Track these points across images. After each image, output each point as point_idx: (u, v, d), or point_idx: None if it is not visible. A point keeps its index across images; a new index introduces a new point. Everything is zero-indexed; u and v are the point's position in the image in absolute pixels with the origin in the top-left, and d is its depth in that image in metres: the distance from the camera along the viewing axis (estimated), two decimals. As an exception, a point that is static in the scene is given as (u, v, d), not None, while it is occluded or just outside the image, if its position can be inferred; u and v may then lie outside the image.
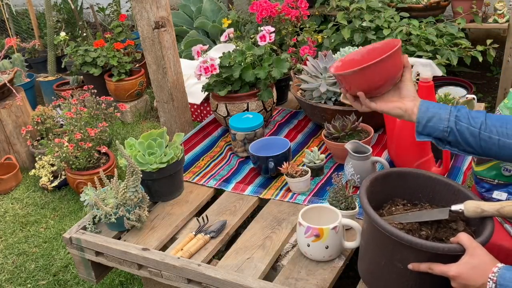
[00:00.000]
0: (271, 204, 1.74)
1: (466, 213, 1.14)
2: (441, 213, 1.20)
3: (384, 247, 1.17)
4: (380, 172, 1.31)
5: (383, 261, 1.18)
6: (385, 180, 1.30)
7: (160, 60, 2.19)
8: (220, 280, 1.40)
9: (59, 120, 3.13)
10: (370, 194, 1.23)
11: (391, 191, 1.31)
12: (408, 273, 1.14)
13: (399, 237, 1.09)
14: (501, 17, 3.02)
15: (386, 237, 1.13)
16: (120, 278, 2.22)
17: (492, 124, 1.17)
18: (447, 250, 1.07)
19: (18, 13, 5.20)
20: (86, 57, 3.72)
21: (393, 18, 3.04)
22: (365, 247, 1.27)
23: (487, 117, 1.18)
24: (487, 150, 1.18)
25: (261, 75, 2.08)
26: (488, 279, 1.03)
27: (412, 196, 1.31)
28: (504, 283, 1.01)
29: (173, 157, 1.74)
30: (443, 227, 1.21)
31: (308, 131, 2.20)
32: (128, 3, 4.81)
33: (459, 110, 1.20)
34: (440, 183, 1.28)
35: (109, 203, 1.65)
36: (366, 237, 1.25)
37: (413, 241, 1.08)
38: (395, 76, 1.25)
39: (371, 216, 1.15)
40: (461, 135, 1.18)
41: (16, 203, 2.89)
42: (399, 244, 1.11)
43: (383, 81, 1.24)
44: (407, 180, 1.31)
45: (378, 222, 1.13)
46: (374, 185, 1.27)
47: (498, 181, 1.49)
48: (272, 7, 2.50)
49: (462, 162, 1.84)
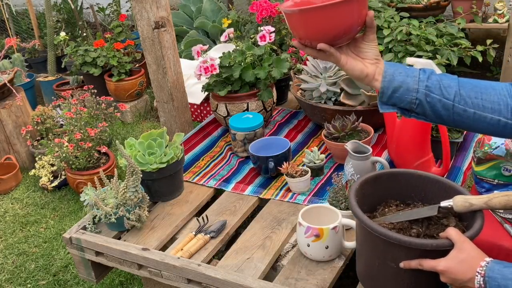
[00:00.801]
0: (271, 204, 1.74)
1: (455, 208, 1.13)
2: (431, 210, 1.19)
3: (376, 248, 1.18)
4: (370, 174, 1.31)
5: (377, 262, 1.19)
6: (376, 182, 1.30)
7: (160, 60, 2.19)
8: (220, 280, 1.40)
9: (59, 120, 3.13)
10: (361, 197, 1.23)
11: (383, 192, 1.32)
12: (402, 272, 1.14)
13: (388, 236, 1.10)
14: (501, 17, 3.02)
15: (376, 238, 1.13)
16: (120, 278, 2.22)
17: (466, 95, 1.06)
18: (436, 246, 1.08)
19: (18, 13, 5.20)
20: (86, 57, 3.72)
21: (393, 18, 3.05)
22: (359, 249, 1.27)
23: (460, 86, 1.06)
24: (460, 123, 1.08)
25: (261, 75, 2.08)
26: (476, 273, 1.03)
27: (405, 196, 1.32)
28: (493, 275, 1.01)
29: (173, 157, 1.74)
30: (434, 223, 1.21)
31: (308, 131, 2.20)
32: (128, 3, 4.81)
33: (429, 77, 1.06)
34: (431, 181, 1.28)
35: (109, 203, 1.65)
36: (360, 239, 1.26)
37: (401, 239, 1.09)
38: (351, 28, 1.06)
39: (360, 218, 1.15)
40: (432, 108, 1.07)
41: (16, 203, 2.89)
42: (389, 243, 1.11)
43: (335, 30, 1.05)
44: (398, 181, 1.31)
45: (366, 223, 1.14)
46: (365, 188, 1.27)
47: (498, 181, 1.49)
48: (272, 7, 2.50)
49: (462, 162, 1.85)
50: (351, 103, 1.98)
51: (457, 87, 1.07)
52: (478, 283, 1.02)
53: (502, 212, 1.46)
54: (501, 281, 1.00)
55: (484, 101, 1.06)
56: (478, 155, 1.51)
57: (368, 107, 1.95)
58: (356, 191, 1.23)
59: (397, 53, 2.92)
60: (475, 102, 1.06)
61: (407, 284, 1.16)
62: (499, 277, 1.00)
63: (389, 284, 1.20)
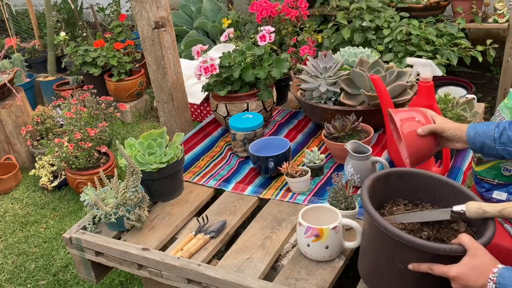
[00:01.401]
0: (271, 204, 1.74)
1: (468, 214, 1.14)
2: (443, 213, 1.19)
3: (385, 247, 1.17)
4: (382, 172, 1.31)
5: (384, 262, 1.18)
6: (387, 180, 1.30)
7: (160, 60, 2.19)
8: (220, 280, 1.40)
9: (59, 120, 3.13)
10: (371, 194, 1.23)
11: (392, 191, 1.31)
12: (409, 274, 1.14)
13: (400, 237, 1.09)
14: (501, 17, 3.02)
15: (387, 237, 1.12)
16: (120, 278, 2.22)
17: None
18: (449, 251, 1.07)
19: (18, 13, 5.20)
20: (86, 57, 3.72)
21: (393, 18, 3.05)
22: (365, 247, 1.26)
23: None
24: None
25: (261, 75, 2.08)
26: (489, 279, 1.03)
27: (414, 196, 1.31)
28: (504, 282, 1.01)
29: (173, 157, 1.74)
30: (444, 227, 1.21)
31: (308, 131, 2.20)
32: (128, 3, 4.81)
33: (501, 134, 1.28)
34: (442, 183, 1.28)
35: (109, 203, 1.65)
36: (367, 237, 1.24)
37: (414, 241, 1.08)
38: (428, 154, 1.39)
39: (373, 216, 1.14)
40: (510, 154, 1.28)
41: (16, 203, 2.89)
42: (400, 244, 1.10)
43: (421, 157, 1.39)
44: (408, 180, 1.31)
45: (380, 222, 1.13)
46: (376, 185, 1.26)
47: (498, 181, 1.49)
48: (272, 7, 2.50)
49: (462, 162, 1.84)
50: (351, 103, 1.98)
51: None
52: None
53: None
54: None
55: None
56: (478, 155, 1.51)
57: (368, 107, 1.95)
58: (368, 187, 1.23)
59: (397, 53, 2.92)
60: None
61: (412, 286, 1.16)
62: (510, 284, 1.01)
63: (394, 284, 1.19)
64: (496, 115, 1.50)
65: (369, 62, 2.01)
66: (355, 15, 3.07)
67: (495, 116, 1.50)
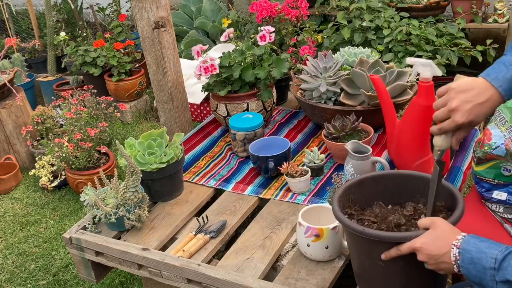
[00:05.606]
0: (271, 204, 1.74)
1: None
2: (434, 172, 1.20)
3: (362, 249, 1.20)
4: (354, 179, 1.33)
5: (367, 263, 1.21)
6: (361, 187, 1.32)
7: (160, 60, 2.19)
8: (220, 280, 1.40)
9: (59, 120, 3.13)
10: (347, 202, 1.28)
11: (371, 196, 1.33)
12: (391, 270, 1.16)
13: (366, 233, 1.12)
14: (501, 17, 3.02)
15: (359, 238, 1.16)
16: (120, 278, 2.22)
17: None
18: (415, 236, 1.10)
19: (18, 13, 5.20)
20: (86, 57, 3.72)
21: (393, 18, 3.05)
22: (351, 253, 1.30)
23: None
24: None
25: (261, 75, 2.08)
26: (452, 245, 1.04)
27: (393, 196, 1.33)
28: (468, 247, 1.02)
29: (173, 157, 1.74)
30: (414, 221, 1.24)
31: (308, 131, 2.20)
32: (128, 3, 4.81)
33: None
34: (414, 178, 1.31)
35: (109, 203, 1.65)
36: (349, 243, 1.29)
37: (380, 234, 1.12)
38: None
39: (341, 220, 1.18)
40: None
41: (16, 203, 2.89)
42: (371, 241, 1.14)
43: None
44: (384, 183, 1.33)
45: (346, 223, 1.16)
46: (348, 193, 1.30)
47: (498, 181, 1.49)
48: (272, 7, 2.50)
49: (462, 162, 1.84)
50: (351, 103, 1.98)
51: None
52: (454, 256, 1.04)
53: (502, 212, 1.46)
54: (475, 254, 1.01)
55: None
56: (478, 155, 1.51)
57: (368, 107, 1.95)
58: (339, 197, 1.26)
59: (397, 53, 2.92)
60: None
61: (399, 282, 1.18)
62: (474, 250, 1.01)
63: (383, 283, 1.21)
64: (496, 115, 1.50)
65: (369, 62, 2.01)
66: (355, 15, 3.07)
67: (495, 116, 1.50)
